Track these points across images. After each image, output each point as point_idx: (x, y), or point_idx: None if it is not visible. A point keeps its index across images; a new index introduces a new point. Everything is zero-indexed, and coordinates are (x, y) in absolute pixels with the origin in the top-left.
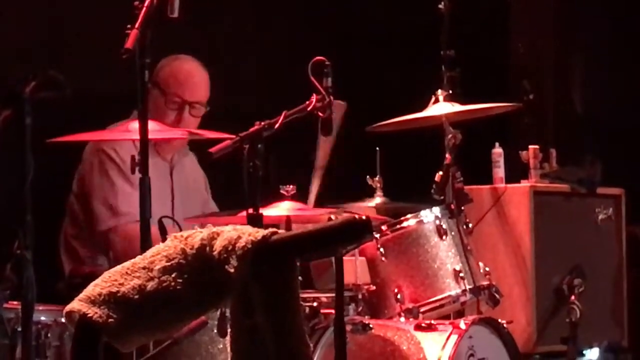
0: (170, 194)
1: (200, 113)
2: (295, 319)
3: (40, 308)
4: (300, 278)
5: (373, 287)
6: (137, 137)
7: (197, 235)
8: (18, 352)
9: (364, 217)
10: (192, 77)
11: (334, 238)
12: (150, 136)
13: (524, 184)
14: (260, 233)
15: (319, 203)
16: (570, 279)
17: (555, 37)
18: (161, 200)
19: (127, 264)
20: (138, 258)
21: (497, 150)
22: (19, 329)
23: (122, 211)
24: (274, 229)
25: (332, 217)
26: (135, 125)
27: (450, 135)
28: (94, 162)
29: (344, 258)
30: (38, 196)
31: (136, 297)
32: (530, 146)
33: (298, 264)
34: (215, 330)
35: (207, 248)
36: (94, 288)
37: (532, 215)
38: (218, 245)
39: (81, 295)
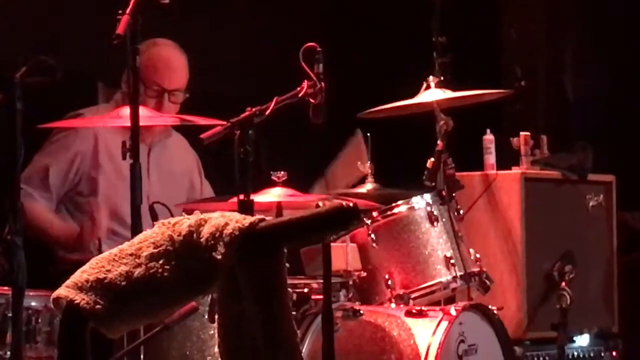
0: (146, 177)
1: (179, 100)
2: (282, 305)
3: (31, 293)
4: (287, 265)
5: (364, 274)
6: (128, 123)
7: (184, 222)
8: (8, 338)
9: (351, 204)
10: (171, 64)
11: (321, 225)
12: (141, 123)
13: (515, 170)
14: (247, 220)
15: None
16: (561, 265)
17: (546, 24)
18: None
19: (114, 250)
20: (125, 244)
21: (488, 136)
22: (10, 314)
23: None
24: (262, 216)
25: (320, 203)
26: (126, 111)
27: (441, 122)
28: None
29: (335, 244)
30: None
31: (123, 283)
32: (521, 133)
33: (285, 250)
34: (206, 316)
35: (195, 235)
36: (81, 274)
37: (523, 202)
38: (205, 232)
39: (68, 282)
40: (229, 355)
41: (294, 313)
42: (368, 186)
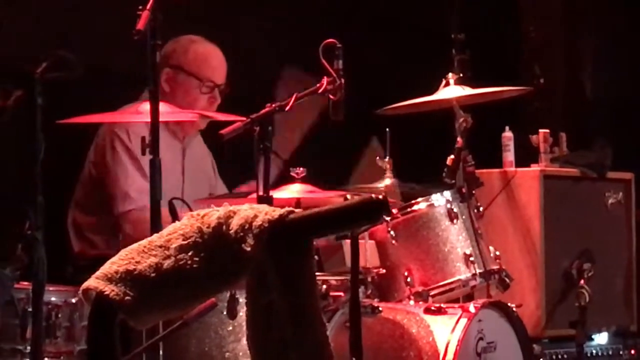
0: (181, 175)
1: (222, 93)
2: (311, 297)
3: (51, 289)
4: (316, 257)
5: (383, 271)
6: (148, 119)
7: (213, 214)
8: (28, 333)
9: (380, 197)
10: (217, 59)
11: (351, 217)
12: (161, 118)
13: (534, 168)
14: (277, 212)
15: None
16: (580, 263)
17: (565, 21)
18: (173, 180)
19: (143, 242)
20: (155, 236)
21: (507, 134)
22: (30, 309)
23: (133, 196)
24: (291, 208)
25: (348, 196)
26: (145, 107)
27: (461, 119)
28: (106, 146)
29: None
30: (48, 177)
31: (153, 275)
32: (540, 130)
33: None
34: (225, 312)
35: (224, 226)
36: (110, 266)
37: (542, 199)
38: (234, 223)
39: (98, 273)
40: (258, 347)
41: None
42: (386, 181)
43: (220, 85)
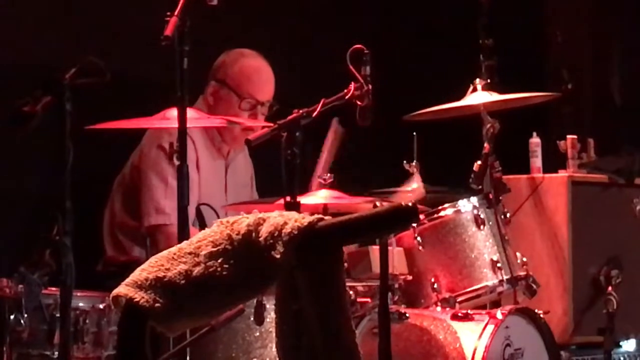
0: (224, 193)
1: (266, 111)
2: (340, 304)
3: (79, 294)
4: (345, 264)
5: (410, 277)
6: (175, 125)
7: (243, 221)
8: (56, 338)
9: (410, 204)
10: (262, 75)
11: (381, 224)
12: (188, 124)
13: (562, 174)
14: (306, 219)
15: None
16: (607, 269)
17: (593, 26)
18: (216, 198)
19: (173, 249)
20: (184, 243)
21: (535, 139)
22: (58, 315)
23: (167, 212)
24: (320, 215)
25: (377, 204)
26: (173, 112)
27: (488, 125)
28: (150, 156)
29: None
30: (79, 182)
31: (182, 282)
32: (568, 136)
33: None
34: (252, 318)
35: (253, 234)
36: (140, 273)
37: (569, 205)
38: (264, 231)
39: (128, 280)
40: (287, 353)
41: None
42: (414, 185)
43: (263, 102)
